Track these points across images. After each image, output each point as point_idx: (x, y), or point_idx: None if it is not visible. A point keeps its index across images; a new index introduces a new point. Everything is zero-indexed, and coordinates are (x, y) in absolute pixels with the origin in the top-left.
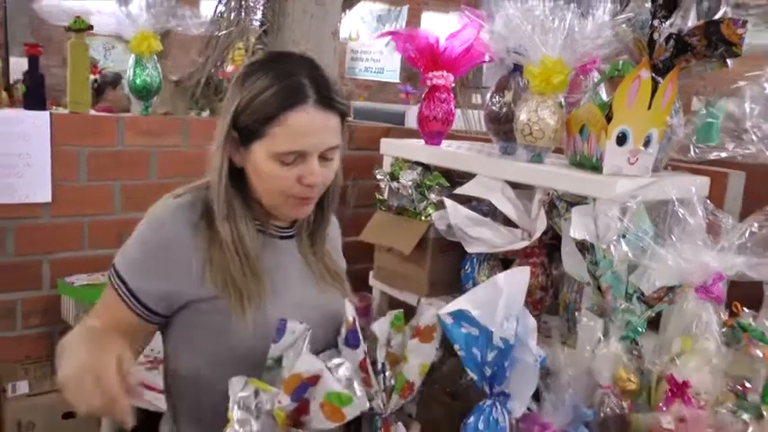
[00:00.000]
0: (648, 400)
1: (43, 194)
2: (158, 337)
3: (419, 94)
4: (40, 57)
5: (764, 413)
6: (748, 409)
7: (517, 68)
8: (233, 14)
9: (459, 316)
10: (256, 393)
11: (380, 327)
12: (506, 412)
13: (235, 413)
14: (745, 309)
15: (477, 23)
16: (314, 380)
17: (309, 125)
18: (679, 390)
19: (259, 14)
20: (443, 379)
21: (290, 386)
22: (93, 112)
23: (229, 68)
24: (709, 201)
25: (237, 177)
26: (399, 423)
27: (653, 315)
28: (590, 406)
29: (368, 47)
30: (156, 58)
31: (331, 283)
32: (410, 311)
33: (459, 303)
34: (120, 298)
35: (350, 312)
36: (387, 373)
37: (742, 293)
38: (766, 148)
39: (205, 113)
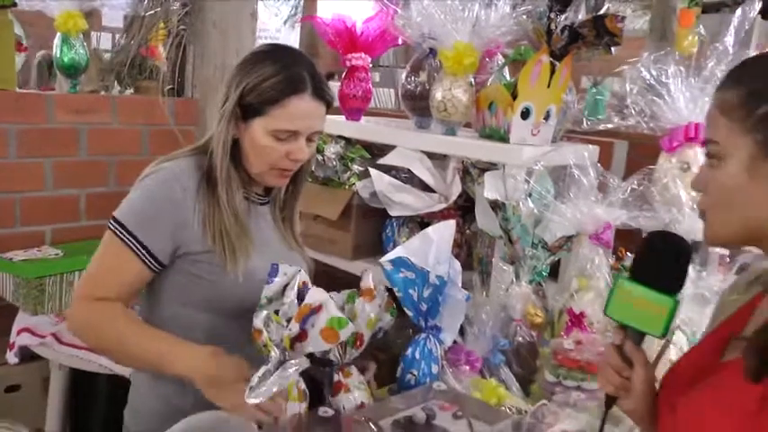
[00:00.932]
0: (552, 330)
1: None
2: None
3: None
4: None
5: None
6: None
7: (431, 52)
8: None
9: (398, 262)
10: (267, 324)
11: (336, 296)
12: (438, 343)
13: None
14: (628, 253)
15: (392, 9)
16: (318, 309)
17: (305, 111)
18: (577, 320)
19: None
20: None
21: (301, 315)
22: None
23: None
24: (599, 165)
25: (231, 149)
26: (352, 365)
27: (555, 261)
28: (505, 336)
29: (265, 25)
30: (82, 36)
31: (295, 245)
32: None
33: (398, 252)
34: (134, 254)
35: (303, 275)
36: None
37: (626, 241)
38: (643, 121)
39: (129, 91)
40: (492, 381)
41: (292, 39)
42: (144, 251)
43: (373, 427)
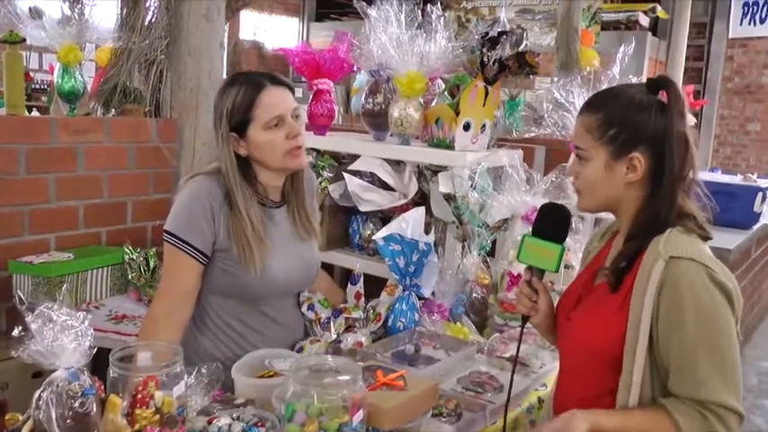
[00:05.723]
0: (496, 288)
1: None
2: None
3: None
4: None
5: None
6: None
7: (387, 79)
8: (140, 29)
9: (389, 238)
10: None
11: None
12: (417, 297)
13: None
14: None
15: (347, 43)
16: None
17: (275, 97)
18: (515, 279)
19: (160, 28)
20: None
21: None
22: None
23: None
24: (525, 164)
25: (242, 166)
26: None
27: (495, 239)
28: (463, 293)
29: None
30: (80, 66)
31: (307, 234)
32: None
33: (388, 230)
34: (192, 258)
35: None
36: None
37: None
38: (557, 130)
39: (111, 113)
40: (457, 324)
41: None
42: (200, 254)
43: (379, 356)
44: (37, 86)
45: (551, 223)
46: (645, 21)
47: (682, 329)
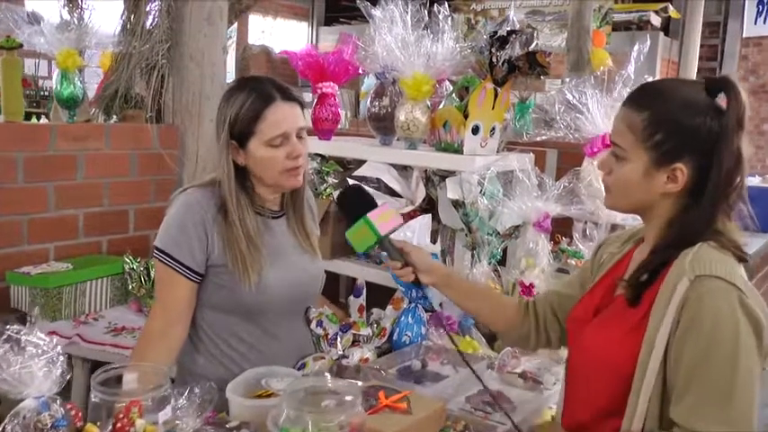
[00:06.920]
0: None
1: None
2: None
3: None
4: None
5: None
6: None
7: (394, 81)
8: (140, 34)
9: None
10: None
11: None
12: (424, 310)
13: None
14: (563, 238)
15: (351, 46)
16: None
17: (283, 114)
18: (527, 289)
19: (161, 32)
20: None
21: None
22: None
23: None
24: (537, 168)
25: (240, 176)
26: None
27: (506, 247)
28: None
29: None
30: (78, 72)
31: (308, 248)
32: None
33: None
34: (183, 276)
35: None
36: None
37: (562, 227)
38: (570, 133)
39: (113, 119)
40: (466, 337)
41: (227, 62)
42: (189, 271)
43: (384, 373)
44: (46, 93)
45: (349, 207)
46: (656, 21)
47: (694, 348)
